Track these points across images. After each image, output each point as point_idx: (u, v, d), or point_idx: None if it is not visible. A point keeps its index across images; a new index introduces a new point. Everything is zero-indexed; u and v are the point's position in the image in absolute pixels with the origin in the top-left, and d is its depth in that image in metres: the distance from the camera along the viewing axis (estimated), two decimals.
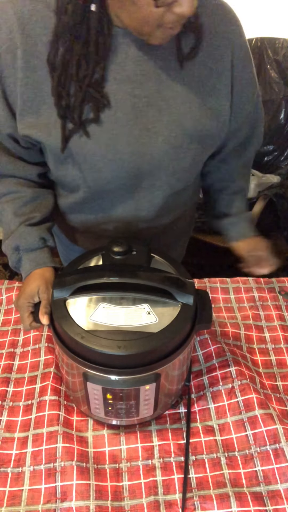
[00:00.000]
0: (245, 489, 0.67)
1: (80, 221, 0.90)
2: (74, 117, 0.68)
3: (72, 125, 0.69)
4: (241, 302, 0.98)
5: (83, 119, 0.68)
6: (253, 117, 0.84)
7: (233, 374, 0.80)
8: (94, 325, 0.61)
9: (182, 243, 1.11)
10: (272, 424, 0.72)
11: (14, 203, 0.79)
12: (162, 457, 0.71)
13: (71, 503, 0.64)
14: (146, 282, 0.63)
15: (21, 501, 0.66)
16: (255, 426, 0.73)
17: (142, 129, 0.71)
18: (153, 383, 0.63)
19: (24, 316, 0.71)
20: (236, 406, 0.76)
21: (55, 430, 0.72)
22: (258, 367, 0.86)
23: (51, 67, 0.66)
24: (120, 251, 0.68)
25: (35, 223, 0.79)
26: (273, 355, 0.88)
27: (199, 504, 0.65)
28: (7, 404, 0.78)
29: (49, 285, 0.72)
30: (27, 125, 0.70)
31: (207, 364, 0.83)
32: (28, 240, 0.76)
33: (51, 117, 0.69)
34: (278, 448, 0.71)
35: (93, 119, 0.69)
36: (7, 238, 0.78)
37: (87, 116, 0.68)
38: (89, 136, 0.70)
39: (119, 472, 0.70)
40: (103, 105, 0.68)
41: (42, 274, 0.74)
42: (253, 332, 0.92)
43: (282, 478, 0.68)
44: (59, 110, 0.68)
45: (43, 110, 0.69)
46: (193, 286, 0.66)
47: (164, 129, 0.71)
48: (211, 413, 0.77)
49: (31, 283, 0.73)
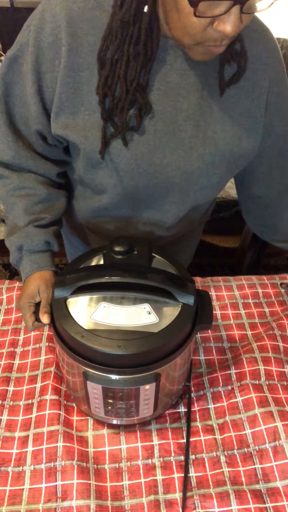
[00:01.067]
0: (245, 487, 0.67)
1: (99, 223, 0.90)
2: (117, 121, 0.67)
3: (112, 130, 0.68)
4: (246, 298, 0.98)
5: (125, 127, 0.68)
6: None
7: (233, 377, 0.81)
8: (94, 324, 0.61)
9: (192, 248, 1.11)
10: (272, 422, 0.73)
11: (27, 199, 0.78)
12: (162, 456, 0.71)
13: (71, 502, 0.65)
14: (146, 281, 0.63)
15: (22, 500, 0.66)
16: (255, 425, 0.73)
17: (179, 143, 0.71)
18: (153, 383, 0.63)
19: (26, 316, 0.71)
20: (236, 406, 0.77)
21: (56, 429, 0.72)
22: (267, 351, 0.84)
23: (101, 64, 0.64)
24: (121, 250, 0.68)
25: (43, 225, 0.78)
26: (280, 341, 0.87)
27: (199, 503, 0.65)
28: (8, 404, 0.78)
29: (49, 285, 0.72)
30: (61, 125, 0.70)
31: (209, 369, 0.84)
32: (33, 241, 0.76)
33: (88, 120, 0.68)
34: (277, 445, 0.71)
35: (134, 126, 0.68)
36: (11, 234, 0.78)
37: (128, 123, 0.68)
38: (127, 145, 0.69)
39: (119, 471, 0.70)
40: (146, 112, 0.67)
41: (42, 275, 0.74)
42: (260, 329, 0.92)
43: (281, 475, 0.68)
44: (103, 112, 0.67)
45: (80, 111, 0.68)
46: (194, 286, 0.67)
47: (200, 145, 0.71)
48: (210, 413, 0.77)
49: (31, 284, 0.73)
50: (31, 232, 0.76)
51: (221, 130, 0.72)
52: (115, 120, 0.68)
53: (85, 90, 0.67)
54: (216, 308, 0.96)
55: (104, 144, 0.69)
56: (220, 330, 0.91)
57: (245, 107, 0.73)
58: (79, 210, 0.90)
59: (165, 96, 0.68)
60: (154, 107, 0.68)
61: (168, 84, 0.67)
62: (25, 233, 0.76)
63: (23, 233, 0.76)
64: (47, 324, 0.67)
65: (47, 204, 0.80)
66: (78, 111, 0.68)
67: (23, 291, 0.74)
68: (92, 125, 0.69)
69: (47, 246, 0.78)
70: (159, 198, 0.79)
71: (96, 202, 0.84)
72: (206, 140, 0.72)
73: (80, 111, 0.68)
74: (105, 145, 0.69)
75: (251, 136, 0.75)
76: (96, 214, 0.88)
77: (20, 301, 0.73)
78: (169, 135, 0.70)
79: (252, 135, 0.75)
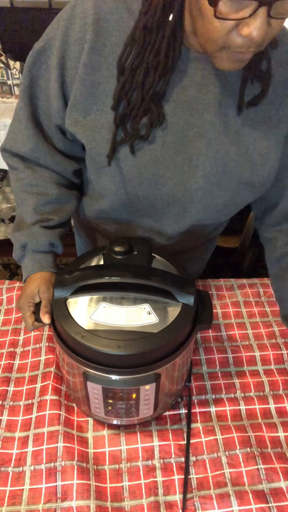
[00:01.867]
0: (247, 487, 0.67)
1: (101, 224, 0.90)
2: (128, 128, 0.67)
3: (122, 135, 0.67)
4: (247, 297, 0.98)
5: (134, 135, 0.67)
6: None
7: (236, 386, 0.81)
8: (94, 324, 0.61)
9: (198, 262, 1.08)
10: (275, 431, 0.74)
11: (38, 198, 0.78)
12: (162, 457, 0.71)
13: (71, 503, 0.64)
14: (146, 282, 0.63)
15: (22, 501, 0.66)
16: (257, 431, 0.74)
17: (185, 158, 0.69)
18: (153, 383, 0.63)
19: (26, 316, 0.71)
20: (238, 413, 0.77)
21: (56, 429, 0.72)
22: (269, 364, 0.85)
23: (120, 70, 0.63)
24: (121, 251, 0.68)
25: (50, 226, 0.78)
26: (284, 349, 0.87)
27: (200, 505, 0.65)
28: (8, 404, 0.78)
29: (50, 285, 0.72)
30: (73, 121, 0.69)
31: (209, 370, 0.84)
32: (38, 241, 0.76)
33: (99, 120, 0.68)
34: (280, 452, 0.71)
35: (144, 136, 0.67)
36: (18, 230, 0.78)
37: (140, 131, 0.67)
38: (134, 153, 0.69)
39: (119, 472, 0.70)
40: (158, 123, 0.66)
41: (43, 276, 0.74)
42: (261, 329, 0.92)
43: (285, 476, 0.68)
44: (116, 117, 0.66)
45: (92, 110, 0.68)
46: (194, 287, 0.66)
47: (207, 163, 0.70)
48: (212, 415, 0.77)
49: (31, 284, 0.73)
50: (37, 232, 0.76)
51: (234, 153, 0.69)
52: (127, 127, 0.67)
53: (100, 90, 0.66)
54: (217, 307, 0.96)
55: (113, 149, 0.68)
56: (221, 330, 0.91)
57: (264, 132, 0.69)
58: (87, 209, 0.91)
59: (180, 109, 0.66)
60: (167, 118, 0.67)
61: (185, 97, 0.66)
62: (31, 232, 0.76)
63: (29, 231, 0.77)
64: (48, 324, 0.67)
65: (56, 205, 0.80)
66: (90, 110, 0.68)
67: (23, 291, 0.74)
68: (101, 126, 0.68)
69: (51, 247, 0.78)
70: (159, 210, 0.78)
71: (98, 204, 0.84)
72: (216, 161, 0.69)
73: (92, 110, 0.68)
74: (113, 151, 0.69)
75: (267, 164, 0.72)
76: (98, 215, 0.88)
77: (19, 301, 0.73)
78: (177, 149, 0.69)
79: (268, 163, 0.72)
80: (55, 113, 0.72)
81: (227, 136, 0.68)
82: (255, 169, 0.72)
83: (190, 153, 0.69)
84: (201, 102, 0.66)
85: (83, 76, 0.65)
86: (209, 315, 0.67)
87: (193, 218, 0.79)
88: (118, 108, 0.66)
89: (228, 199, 0.75)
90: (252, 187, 0.75)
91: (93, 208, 0.88)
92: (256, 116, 0.68)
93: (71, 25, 0.64)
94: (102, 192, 0.79)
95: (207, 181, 0.71)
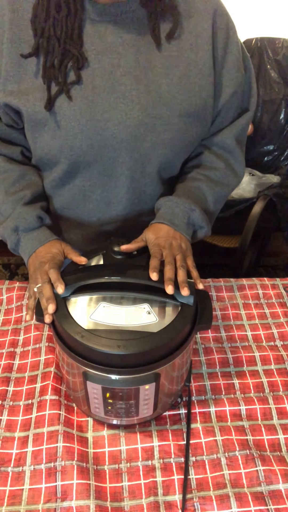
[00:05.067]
0: (246, 489, 0.67)
1: (73, 215, 0.89)
2: (58, 77, 0.71)
3: (56, 88, 0.71)
4: (246, 299, 0.98)
5: (66, 81, 0.71)
6: (240, 98, 0.83)
7: (236, 386, 0.81)
8: (94, 324, 0.61)
9: None
10: (274, 434, 0.74)
11: (4, 182, 0.81)
12: (162, 457, 0.71)
13: (71, 503, 0.64)
14: (146, 282, 0.63)
15: (22, 501, 0.66)
16: (257, 434, 0.74)
17: (118, 97, 0.72)
18: (153, 383, 0.63)
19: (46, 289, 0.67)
20: (238, 413, 0.77)
21: (56, 429, 0.72)
22: (270, 363, 0.85)
23: (34, 30, 0.70)
24: (121, 251, 0.68)
25: (28, 201, 0.80)
26: (283, 351, 0.87)
27: (199, 505, 0.65)
28: (7, 404, 0.78)
29: (57, 262, 0.71)
30: (7, 93, 0.73)
31: (209, 370, 0.84)
32: (27, 219, 0.77)
33: (32, 85, 0.72)
34: (279, 455, 0.71)
35: (74, 80, 0.71)
36: (2, 222, 0.80)
37: (68, 76, 0.71)
38: (71, 98, 0.71)
39: (119, 472, 0.70)
40: (84, 65, 0.71)
41: (47, 250, 0.75)
42: (260, 331, 0.92)
43: (284, 478, 0.68)
44: (44, 72, 0.71)
45: (25, 80, 0.73)
46: (193, 286, 0.66)
47: (142, 97, 0.72)
48: (211, 416, 0.77)
49: (45, 250, 0.74)
50: (22, 211, 0.78)
51: (166, 83, 0.73)
52: (58, 76, 0.71)
53: (28, 59, 0.72)
54: (217, 309, 0.96)
55: (49, 99, 0.71)
56: (220, 331, 0.91)
57: (191, 60, 0.74)
58: (54, 202, 0.89)
59: (102, 54, 0.71)
60: (92, 65, 0.71)
61: (104, 44, 0.71)
62: (17, 214, 0.78)
63: (14, 214, 0.78)
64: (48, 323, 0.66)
65: (23, 181, 0.82)
66: (23, 80, 0.73)
67: (30, 274, 0.74)
68: (34, 89, 0.72)
69: (40, 221, 0.79)
70: (108, 160, 0.77)
71: (52, 176, 0.83)
72: (150, 93, 0.72)
73: (25, 80, 0.73)
74: (50, 101, 0.72)
75: (203, 92, 0.75)
76: (56, 194, 0.87)
77: (42, 267, 0.71)
78: (108, 90, 0.72)
79: (203, 89, 0.75)
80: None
81: (154, 70, 0.73)
82: (192, 98, 0.75)
83: (122, 91, 0.72)
84: (120, 44, 0.72)
85: (9, 50, 0.71)
86: (208, 315, 0.67)
87: (144, 159, 0.78)
88: (45, 64, 0.71)
89: (176, 132, 0.76)
90: (194, 119, 0.77)
91: (49, 187, 0.86)
92: (181, 46, 0.73)
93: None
94: (49, 159, 0.80)
95: (147, 114, 0.73)
